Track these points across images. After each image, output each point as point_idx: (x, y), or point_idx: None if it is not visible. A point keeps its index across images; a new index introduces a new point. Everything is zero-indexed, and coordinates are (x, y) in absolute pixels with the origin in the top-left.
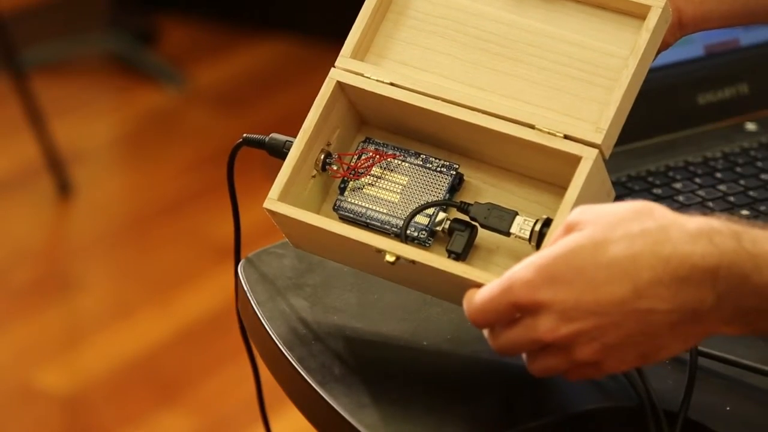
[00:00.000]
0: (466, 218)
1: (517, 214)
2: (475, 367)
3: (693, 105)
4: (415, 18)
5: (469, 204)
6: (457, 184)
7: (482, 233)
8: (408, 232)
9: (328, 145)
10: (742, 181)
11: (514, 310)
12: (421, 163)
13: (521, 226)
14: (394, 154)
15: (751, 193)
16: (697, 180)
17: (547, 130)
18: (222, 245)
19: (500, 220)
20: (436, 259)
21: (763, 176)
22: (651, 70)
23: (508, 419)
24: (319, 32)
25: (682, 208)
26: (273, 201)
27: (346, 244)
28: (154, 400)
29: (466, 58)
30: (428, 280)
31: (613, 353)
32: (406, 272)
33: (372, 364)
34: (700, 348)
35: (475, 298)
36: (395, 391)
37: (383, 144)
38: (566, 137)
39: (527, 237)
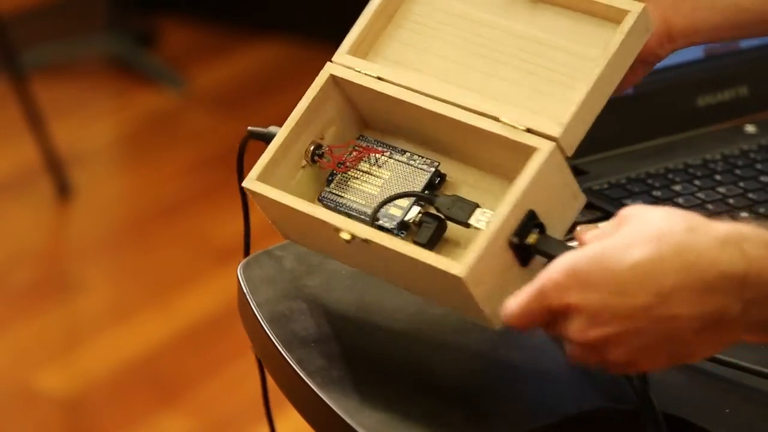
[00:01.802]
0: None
1: (477, 206)
2: (474, 370)
3: (692, 107)
4: (415, 22)
5: (436, 196)
6: (436, 182)
7: (454, 229)
8: (381, 223)
9: (322, 139)
10: (741, 183)
11: (549, 315)
12: (406, 160)
13: (478, 217)
14: (382, 150)
15: (750, 195)
16: (697, 182)
17: (510, 123)
18: (222, 247)
19: (462, 211)
20: (387, 239)
21: (763, 178)
22: (651, 72)
23: (507, 421)
24: (318, 34)
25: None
26: (251, 180)
27: (313, 225)
28: (154, 401)
29: (457, 60)
30: (390, 266)
31: (644, 355)
32: (366, 255)
33: (371, 366)
34: None
35: (512, 304)
36: (394, 393)
37: (375, 141)
38: (528, 130)
39: (484, 228)
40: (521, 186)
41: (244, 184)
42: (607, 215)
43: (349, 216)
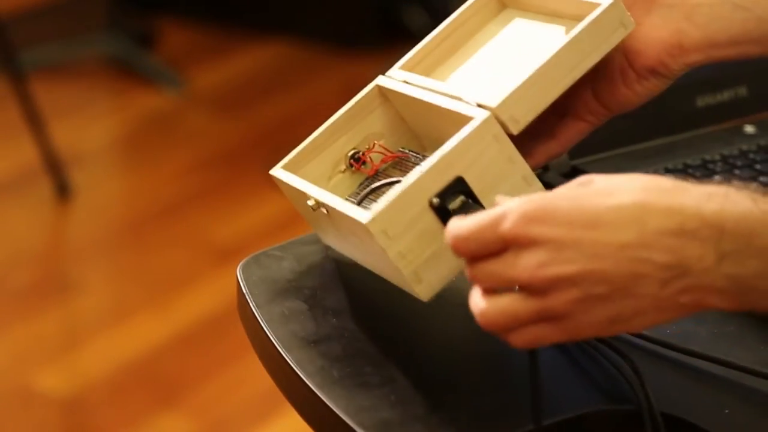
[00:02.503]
0: None
1: None
2: (474, 371)
3: (692, 107)
4: (464, 46)
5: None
6: None
7: None
8: (366, 205)
9: (368, 148)
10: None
11: (500, 244)
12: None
13: None
14: (402, 154)
15: None
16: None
17: (467, 101)
18: (220, 247)
19: None
20: (341, 203)
21: (762, 179)
22: None
23: (507, 422)
24: (317, 35)
25: None
26: (277, 168)
27: (302, 201)
28: (153, 402)
29: (472, 69)
30: (349, 237)
31: (588, 308)
32: (337, 228)
33: (371, 367)
34: (699, 350)
35: (461, 224)
36: (394, 393)
37: (409, 151)
38: (479, 105)
39: None
40: (447, 147)
41: (271, 171)
42: None
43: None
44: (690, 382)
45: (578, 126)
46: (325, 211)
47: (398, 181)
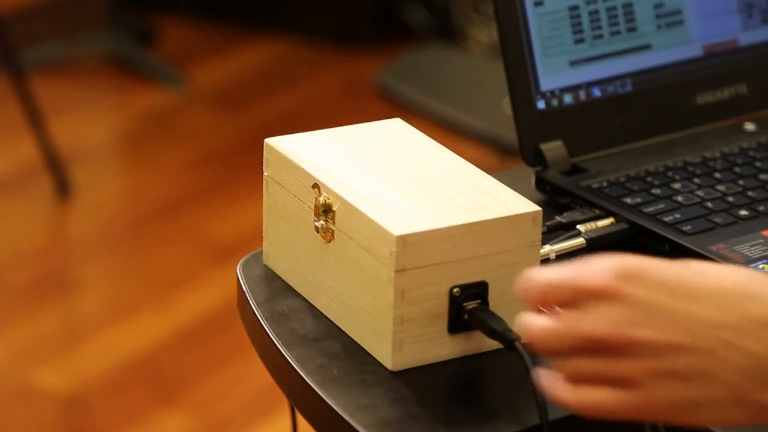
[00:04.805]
0: None
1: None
2: (474, 368)
3: (692, 105)
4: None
5: None
6: None
7: None
8: None
9: None
10: (740, 182)
11: (581, 293)
12: None
13: None
14: None
15: (750, 193)
16: (696, 180)
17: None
18: (221, 245)
19: None
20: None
21: (762, 176)
22: (650, 70)
23: (507, 420)
24: (318, 33)
25: (680, 208)
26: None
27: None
28: (153, 400)
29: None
30: (342, 286)
31: (665, 383)
32: (325, 257)
33: (371, 365)
34: None
35: (550, 272)
36: (394, 391)
37: None
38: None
39: None
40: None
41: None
42: (606, 213)
43: None
44: None
45: None
46: (329, 231)
47: None
